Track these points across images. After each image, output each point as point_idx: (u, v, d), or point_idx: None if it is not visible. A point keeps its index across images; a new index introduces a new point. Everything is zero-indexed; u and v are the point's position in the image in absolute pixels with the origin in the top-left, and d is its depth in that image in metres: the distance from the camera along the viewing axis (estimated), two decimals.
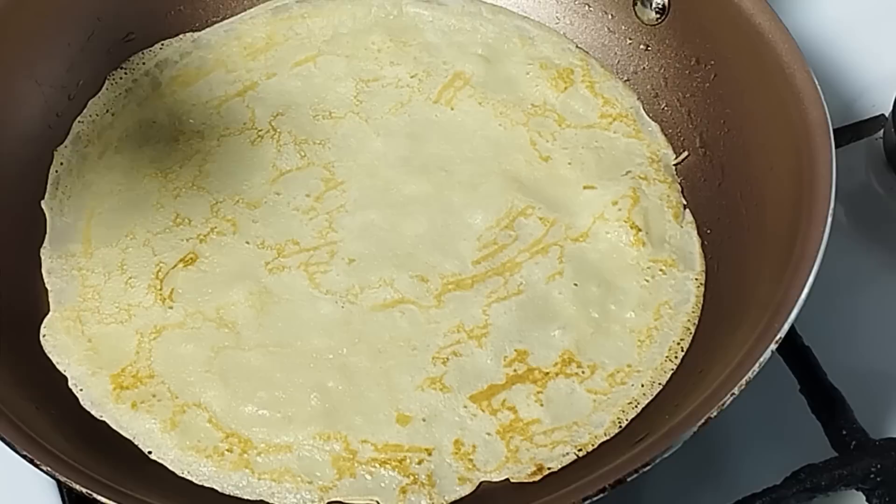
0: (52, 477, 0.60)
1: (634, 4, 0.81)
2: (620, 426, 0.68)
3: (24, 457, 0.60)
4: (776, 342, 0.63)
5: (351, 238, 0.74)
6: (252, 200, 0.76)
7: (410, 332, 0.71)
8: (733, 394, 0.61)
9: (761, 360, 0.62)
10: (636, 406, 0.69)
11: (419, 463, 0.67)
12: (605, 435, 0.68)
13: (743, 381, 0.62)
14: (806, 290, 0.64)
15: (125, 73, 0.81)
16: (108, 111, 0.79)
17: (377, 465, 0.66)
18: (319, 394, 0.68)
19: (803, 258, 0.65)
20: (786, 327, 0.63)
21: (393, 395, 0.69)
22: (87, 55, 0.80)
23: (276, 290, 0.72)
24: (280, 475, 0.66)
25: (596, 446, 0.67)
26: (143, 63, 0.81)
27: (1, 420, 0.62)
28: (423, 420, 0.68)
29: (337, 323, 0.71)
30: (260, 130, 0.78)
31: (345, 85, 0.81)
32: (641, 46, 0.81)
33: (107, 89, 0.80)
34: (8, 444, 0.61)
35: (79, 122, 0.79)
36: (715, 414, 0.61)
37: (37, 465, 0.60)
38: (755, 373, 0.62)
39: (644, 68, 0.81)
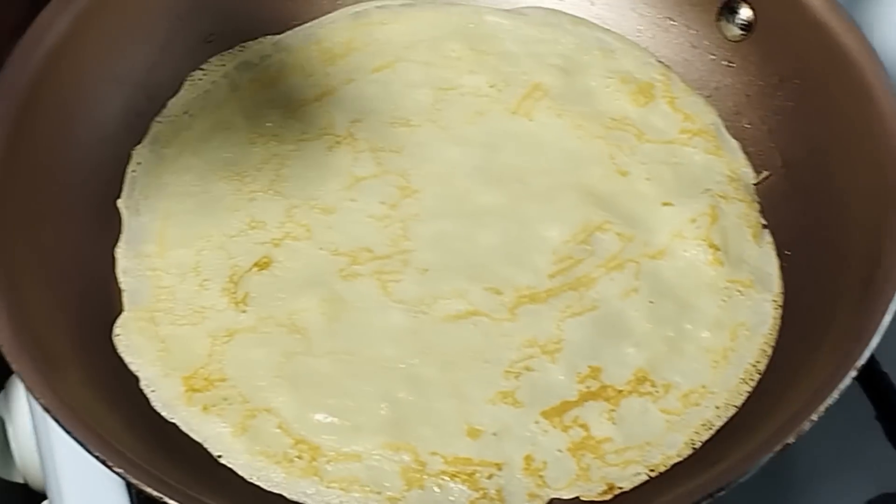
0: (124, 479, 0.60)
1: (718, 20, 0.80)
2: (694, 448, 0.67)
3: (96, 458, 0.60)
4: (856, 368, 0.62)
5: (424, 247, 0.74)
6: (327, 206, 0.75)
7: (483, 344, 0.70)
8: (812, 420, 0.60)
9: (841, 386, 0.61)
10: (710, 428, 0.68)
11: (489, 477, 0.66)
12: (678, 456, 0.67)
13: (822, 408, 0.61)
14: (888, 316, 0.63)
15: (204, 75, 0.81)
16: (186, 112, 0.79)
17: (446, 478, 0.66)
18: (389, 403, 0.68)
19: (886, 282, 0.64)
20: (867, 353, 0.62)
21: (463, 408, 0.68)
22: (167, 55, 0.80)
23: (348, 297, 0.72)
24: (349, 484, 0.66)
25: (668, 467, 0.66)
26: (223, 65, 0.81)
27: (74, 420, 0.62)
28: (494, 434, 0.67)
29: (408, 333, 0.70)
30: (337, 136, 0.78)
31: (422, 93, 0.80)
32: (724, 62, 0.80)
33: (186, 90, 0.80)
34: (81, 444, 0.61)
35: (157, 122, 0.79)
36: (793, 440, 0.60)
37: (109, 467, 0.60)
38: (835, 399, 0.61)
39: (726, 85, 0.80)
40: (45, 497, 0.76)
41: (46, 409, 0.62)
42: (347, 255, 0.73)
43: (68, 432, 0.61)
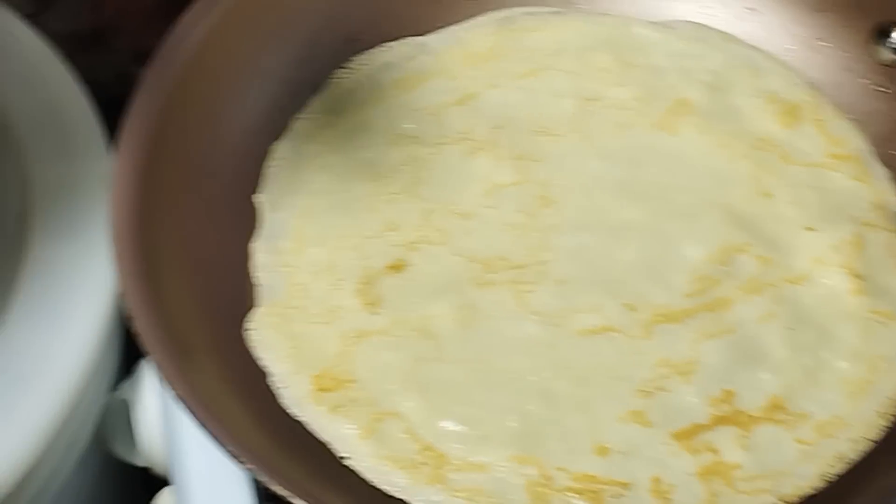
0: (253, 475, 0.61)
1: (871, 43, 0.78)
2: (826, 480, 0.65)
3: (228, 453, 0.61)
4: None
5: (561, 259, 0.73)
6: (464, 212, 0.75)
7: (616, 361, 0.69)
8: None
9: None
10: (844, 461, 0.66)
11: (615, 497, 0.65)
12: (810, 488, 0.65)
13: None
14: None
15: (348, 74, 0.80)
16: (328, 110, 0.79)
17: (572, 495, 0.65)
18: (518, 416, 0.67)
19: None
20: None
21: (593, 425, 0.67)
22: (313, 52, 0.80)
23: (481, 305, 0.71)
24: (473, 494, 0.65)
25: (799, 499, 0.65)
26: (367, 64, 0.81)
27: (207, 413, 0.62)
28: (622, 453, 0.66)
29: (541, 345, 0.70)
30: (477, 142, 0.78)
31: (566, 102, 0.79)
32: (876, 87, 0.78)
33: (329, 89, 0.80)
34: (214, 438, 0.61)
35: (299, 118, 0.79)
36: None
37: (241, 463, 0.60)
38: None
39: (877, 110, 0.78)
40: (166, 483, 0.77)
41: (182, 400, 0.62)
42: (483, 263, 0.73)
43: (202, 425, 0.61)
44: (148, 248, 0.68)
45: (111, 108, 0.78)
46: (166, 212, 0.70)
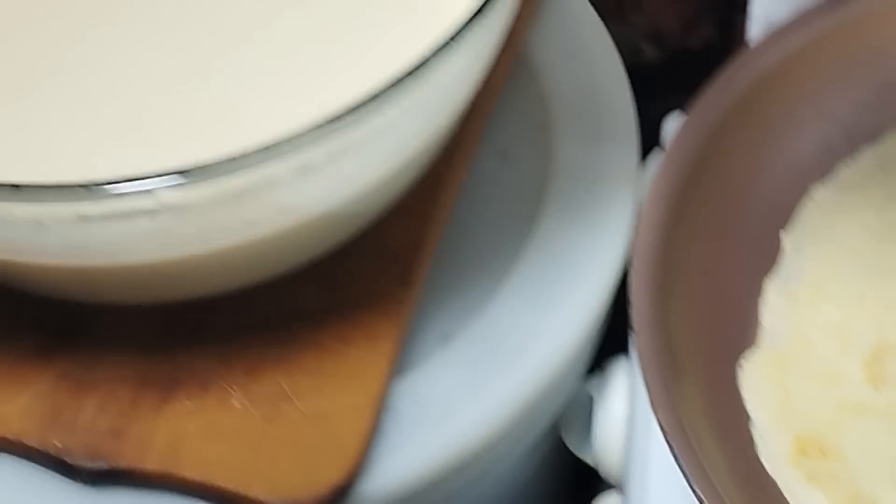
0: None
1: None
2: None
3: (695, 493, 0.59)
4: None
5: None
6: None
7: None
8: None
9: None
10: None
11: None
12: None
13: None
14: None
15: None
16: (880, 165, 0.75)
17: None
18: None
19: None
20: None
21: None
22: (879, 99, 0.75)
23: None
24: None
25: None
26: None
27: (685, 448, 0.60)
28: None
29: None
30: None
31: None
32: None
33: (888, 141, 0.75)
34: (685, 474, 0.59)
35: (846, 165, 0.75)
36: None
37: None
38: None
39: None
40: (606, 486, 0.76)
41: (663, 430, 0.60)
42: None
43: (677, 459, 0.60)
44: (666, 265, 0.66)
45: None
46: (691, 230, 0.69)
